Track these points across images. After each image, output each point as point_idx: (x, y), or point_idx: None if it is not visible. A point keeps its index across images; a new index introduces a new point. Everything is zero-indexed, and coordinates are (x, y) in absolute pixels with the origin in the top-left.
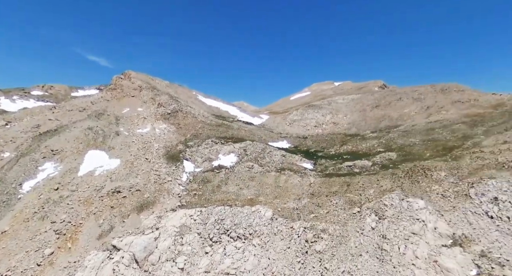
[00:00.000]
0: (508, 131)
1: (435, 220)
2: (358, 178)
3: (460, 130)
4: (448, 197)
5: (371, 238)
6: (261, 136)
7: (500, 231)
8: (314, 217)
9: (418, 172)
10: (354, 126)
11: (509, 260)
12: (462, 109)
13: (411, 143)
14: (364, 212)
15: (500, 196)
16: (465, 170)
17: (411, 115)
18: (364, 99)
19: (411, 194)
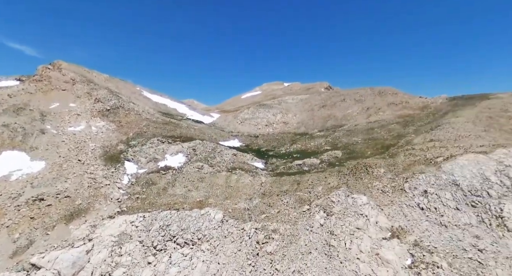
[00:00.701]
0: (433, 130)
1: (376, 215)
2: (307, 176)
3: (395, 129)
4: (386, 192)
5: (320, 235)
6: (211, 135)
7: (429, 221)
8: (266, 217)
9: (361, 169)
10: (303, 125)
11: (436, 247)
12: (396, 111)
13: (354, 142)
14: (313, 209)
15: (429, 189)
16: (400, 166)
17: (354, 116)
18: (312, 99)
19: (355, 190)
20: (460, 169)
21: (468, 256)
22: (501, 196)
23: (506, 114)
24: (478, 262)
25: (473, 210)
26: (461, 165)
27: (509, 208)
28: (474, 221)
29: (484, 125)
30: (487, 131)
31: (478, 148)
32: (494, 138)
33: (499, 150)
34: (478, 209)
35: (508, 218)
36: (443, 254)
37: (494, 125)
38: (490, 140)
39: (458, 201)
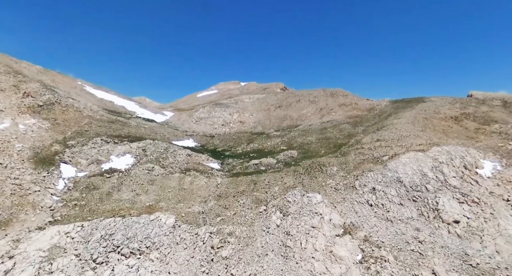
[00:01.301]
0: (379, 130)
1: (330, 212)
2: (264, 176)
3: (346, 129)
4: (339, 189)
5: (276, 236)
6: (164, 134)
7: (377, 217)
8: (221, 220)
9: (316, 168)
10: (260, 125)
11: (384, 241)
12: (347, 111)
13: (309, 141)
14: (270, 210)
15: (377, 186)
16: (351, 165)
17: (308, 116)
18: (268, 99)
19: (311, 189)
20: (403, 166)
21: (410, 248)
22: (436, 190)
23: (438, 115)
24: (419, 253)
25: (414, 205)
26: (404, 163)
27: (443, 201)
28: (415, 214)
29: (421, 125)
30: (424, 131)
31: (417, 147)
32: (430, 137)
33: (434, 148)
34: (418, 203)
35: (442, 210)
36: (389, 248)
37: (429, 125)
38: (427, 139)
39: (402, 196)
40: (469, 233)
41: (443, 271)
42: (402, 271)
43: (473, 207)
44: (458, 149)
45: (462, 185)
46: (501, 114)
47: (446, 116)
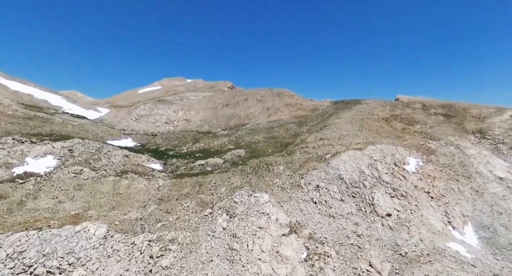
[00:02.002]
0: (322, 130)
1: (276, 212)
2: (210, 176)
3: (292, 128)
4: (286, 188)
5: (222, 239)
6: (96, 133)
7: (321, 214)
8: (162, 226)
9: (263, 168)
10: (207, 124)
11: (326, 237)
12: (292, 111)
13: (256, 141)
14: (216, 212)
15: (320, 184)
16: (297, 164)
17: (256, 115)
18: (215, 97)
19: (258, 189)
20: (343, 164)
21: (350, 242)
22: (372, 186)
23: (372, 116)
24: (357, 246)
25: (353, 200)
26: (344, 161)
27: (378, 196)
28: (354, 210)
29: (358, 125)
30: (361, 131)
31: (356, 145)
32: (366, 137)
33: (370, 147)
34: (357, 199)
35: (377, 205)
36: (332, 243)
37: (365, 125)
38: (363, 138)
39: (343, 193)
40: (399, 224)
41: (378, 262)
42: (343, 265)
43: (402, 201)
44: (389, 148)
45: (393, 181)
46: (421, 116)
47: (379, 117)
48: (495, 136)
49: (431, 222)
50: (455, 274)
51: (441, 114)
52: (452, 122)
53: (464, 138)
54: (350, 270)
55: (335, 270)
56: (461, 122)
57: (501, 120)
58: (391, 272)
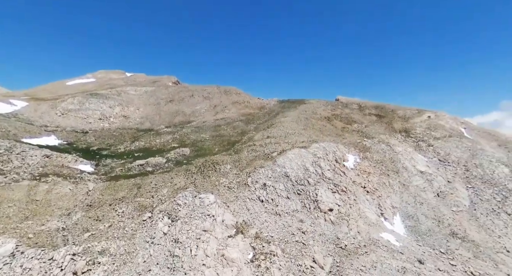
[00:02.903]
0: (269, 128)
1: (222, 213)
2: (150, 178)
3: (239, 126)
4: (232, 188)
5: (163, 246)
6: (8, 130)
7: (267, 212)
8: (91, 236)
9: (209, 167)
10: (148, 121)
11: (273, 236)
12: (240, 109)
13: (202, 139)
14: (156, 216)
15: (267, 182)
16: (244, 162)
17: (202, 112)
18: (158, 92)
19: (203, 189)
20: (289, 162)
21: (295, 240)
22: (316, 183)
23: (315, 115)
24: (302, 243)
25: (298, 197)
26: (290, 159)
27: (321, 193)
28: (299, 207)
29: (303, 124)
30: (305, 129)
31: (301, 144)
32: (310, 135)
33: (314, 145)
34: (302, 196)
35: (320, 201)
36: (278, 242)
37: (309, 124)
38: (308, 137)
39: (288, 190)
40: (340, 218)
41: (321, 257)
42: (289, 263)
43: (342, 196)
44: (331, 145)
45: (334, 177)
46: (358, 116)
47: (322, 117)
48: (417, 135)
49: (367, 215)
50: (387, 263)
51: (374, 114)
52: (383, 122)
53: (393, 137)
54: (295, 267)
55: (281, 269)
56: (390, 122)
57: (421, 120)
58: (332, 265)
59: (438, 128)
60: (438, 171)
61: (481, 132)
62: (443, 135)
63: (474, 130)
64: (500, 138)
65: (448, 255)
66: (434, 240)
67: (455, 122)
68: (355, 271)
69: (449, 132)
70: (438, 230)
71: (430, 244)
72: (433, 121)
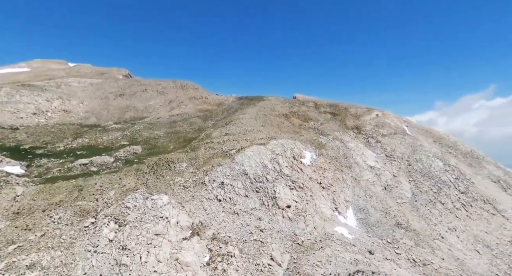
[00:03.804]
0: (227, 125)
1: (177, 214)
2: (95, 178)
3: (196, 123)
4: (189, 187)
5: (108, 254)
6: None
7: (225, 212)
8: (17, 248)
9: (163, 166)
10: (94, 116)
11: (230, 236)
12: (197, 105)
13: (156, 136)
14: (100, 222)
15: (225, 180)
16: (201, 160)
17: (156, 108)
18: (106, 85)
19: (156, 190)
20: (248, 159)
21: (253, 238)
22: (274, 180)
23: (274, 112)
24: (260, 241)
25: (257, 195)
26: (249, 156)
27: (279, 189)
28: (257, 204)
29: (262, 121)
30: (264, 126)
31: (259, 141)
32: (269, 132)
33: (272, 142)
34: (260, 193)
35: (279, 198)
36: (235, 242)
37: (268, 121)
38: (267, 134)
39: (247, 188)
40: (297, 215)
41: (279, 255)
42: (246, 263)
43: (299, 192)
44: (289, 142)
45: (292, 173)
46: (314, 114)
47: (280, 114)
48: (367, 132)
49: (322, 210)
50: (341, 256)
51: (329, 112)
52: (337, 120)
53: (346, 134)
54: (253, 267)
55: (238, 270)
56: (344, 119)
57: (370, 118)
58: (290, 262)
59: (385, 126)
60: (385, 166)
61: (420, 130)
62: (389, 132)
63: (414, 128)
64: (435, 135)
65: (394, 244)
66: (382, 231)
67: (398, 120)
68: (311, 267)
69: (394, 130)
70: (386, 221)
71: (378, 234)
72: (381, 119)
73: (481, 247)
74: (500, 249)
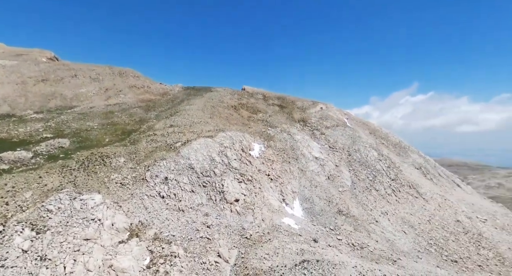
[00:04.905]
0: (172, 116)
1: (112, 215)
2: (5, 178)
3: (137, 114)
4: (127, 184)
5: (21, 268)
6: None
7: (169, 209)
8: None
9: (96, 161)
10: (7, 103)
11: (175, 235)
12: (138, 94)
13: (88, 127)
14: (11, 229)
15: (169, 175)
16: (142, 154)
17: (89, 96)
18: (24, 68)
19: (87, 189)
20: (194, 153)
21: (200, 236)
22: (222, 173)
23: (222, 104)
24: (207, 238)
25: (204, 190)
26: (195, 149)
27: (227, 183)
28: (204, 200)
29: (209, 113)
30: (212, 118)
31: (207, 133)
32: (217, 124)
33: (220, 134)
34: (208, 188)
35: (227, 192)
36: (180, 241)
37: (216, 113)
38: (215, 126)
39: (193, 183)
40: (245, 208)
41: (226, 251)
42: (192, 262)
43: (248, 185)
44: (237, 134)
45: (241, 166)
46: (263, 106)
47: (229, 105)
48: (312, 124)
49: (271, 202)
50: (288, 247)
51: (277, 104)
52: (285, 112)
53: (293, 126)
54: (198, 266)
55: (182, 270)
56: (291, 112)
57: (315, 111)
58: (237, 257)
59: (328, 118)
60: (328, 156)
61: (358, 122)
62: (332, 124)
63: (354, 120)
64: (370, 127)
65: (336, 231)
66: (325, 218)
67: (340, 113)
68: (259, 260)
69: (336, 122)
70: (329, 209)
71: (322, 223)
72: (325, 112)
73: (407, 227)
74: (422, 228)
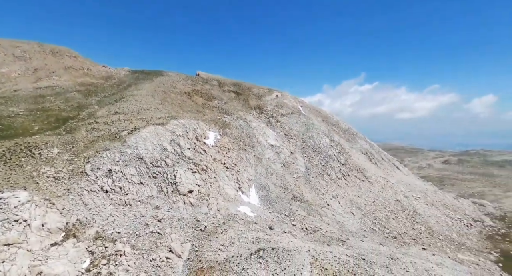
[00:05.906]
0: (118, 102)
1: (43, 214)
2: None
3: (75, 99)
4: (61, 178)
5: None
6: None
7: (114, 204)
8: None
9: (22, 152)
10: None
11: (120, 231)
12: (76, 77)
13: (11, 113)
14: None
15: (114, 167)
16: (81, 144)
17: (12, 77)
18: None
19: (9, 185)
20: (143, 141)
21: (149, 230)
22: (175, 163)
23: (175, 90)
24: (157, 233)
25: (154, 181)
26: (144, 138)
27: (180, 174)
28: (155, 192)
29: (160, 98)
30: (163, 104)
31: (157, 120)
32: (169, 111)
33: (172, 122)
34: (158, 179)
35: (179, 183)
36: (127, 238)
37: (167, 99)
38: (166, 113)
39: (142, 175)
40: (200, 199)
41: (179, 245)
42: (140, 260)
43: (202, 175)
44: (191, 122)
45: (195, 156)
46: (218, 92)
47: (181, 91)
48: (268, 112)
49: (226, 191)
50: (243, 236)
51: (233, 91)
52: (241, 99)
53: (249, 113)
54: (148, 263)
55: (129, 269)
56: (247, 99)
57: (271, 98)
58: (191, 251)
59: (283, 106)
60: (284, 144)
61: (312, 110)
62: (287, 112)
63: (308, 108)
64: (323, 114)
65: (290, 217)
66: (281, 205)
67: (295, 101)
68: (214, 252)
69: (291, 110)
70: (284, 196)
71: (278, 209)
72: (280, 99)
73: (355, 209)
74: (367, 209)
